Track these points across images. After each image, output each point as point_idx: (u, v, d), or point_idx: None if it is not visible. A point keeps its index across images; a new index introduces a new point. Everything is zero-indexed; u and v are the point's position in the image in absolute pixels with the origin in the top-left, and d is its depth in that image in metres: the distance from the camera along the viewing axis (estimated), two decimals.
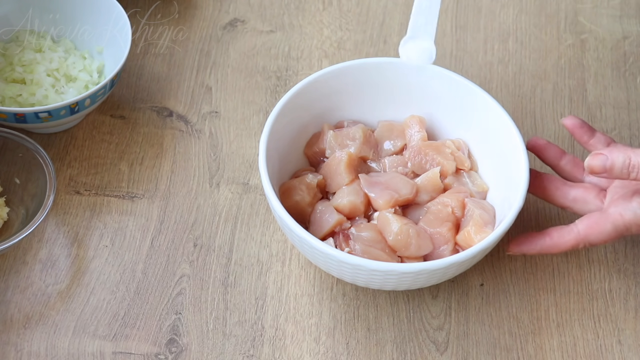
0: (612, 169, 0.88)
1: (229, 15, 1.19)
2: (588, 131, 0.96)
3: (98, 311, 0.94)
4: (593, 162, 0.89)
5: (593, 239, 0.90)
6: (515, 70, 1.15)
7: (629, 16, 1.20)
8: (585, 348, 0.94)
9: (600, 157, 0.89)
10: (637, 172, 0.88)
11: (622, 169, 0.88)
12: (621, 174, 0.88)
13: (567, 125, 0.97)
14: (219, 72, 1.13)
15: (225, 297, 0.95)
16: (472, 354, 0.93)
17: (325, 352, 0.92)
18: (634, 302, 0.97)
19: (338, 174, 0.96)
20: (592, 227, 0.90)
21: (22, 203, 0.98)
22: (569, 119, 0.97)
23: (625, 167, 0.88)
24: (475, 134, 1.00)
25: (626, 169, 0.88)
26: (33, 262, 0.97)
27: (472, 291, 0.97)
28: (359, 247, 0.90)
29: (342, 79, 1.00)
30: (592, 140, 0.96)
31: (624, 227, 0.89)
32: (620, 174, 0.88)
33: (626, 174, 0.88)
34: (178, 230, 1.00)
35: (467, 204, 0.94)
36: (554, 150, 0.96)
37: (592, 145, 0.96)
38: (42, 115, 0.99)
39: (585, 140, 0.96)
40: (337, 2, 1.21)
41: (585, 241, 0.90)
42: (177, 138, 1.07)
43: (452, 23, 1.19)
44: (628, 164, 0.88)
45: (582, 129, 0.96)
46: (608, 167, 0.88)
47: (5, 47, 1.08)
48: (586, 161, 0.90)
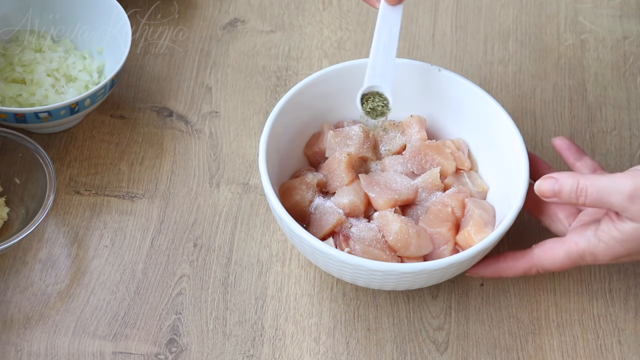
0: (561, 193, 0.86)
1: (229, 15, 1.19)
2: (576, 153, 0.95)
3: (98, 311, 0.94)
4: (542, 186, 0.87)
5: (546, 264, 0.89)
6: (515, 70, 1.15)
7: (629, 16, 1.21)
8: (585, 348, 0.94)
9: (549, 181, 0.87)
10: (585, 197, 0.85)
11: (570, 194, 0.86)
12: (570, 199, 0.86)
13: (555, 146, 0.96)
14: (219, 72, 1.13)
15: (225, 297, 0.95)
16: (472, 354, 0.93)
17: (325, 352, 0.93)
18: (634, 302, 0.97)
19: (338, 174, 0.96)
20: (547, 252, 0.89)
21: (22, 203, 0.98)
22: (558, 139, 0.96)
23: (574, 191, 0.85)
24: (475, 133, 1.00)
25: (574, 193, 0.85)
26: (33, 262, 0.97)
27: (472, 291, 0.97)
28: (359, 247, 0.90)
29: (342, 79, 1.00)
30: (578, 164, 0.95)
31: (578, 255, 0.88)
32: (569, 199, 0.86)
33: (574, 199, 0.86)
34: (178, 230, 1.00)
35: (467, 204, 0.94)
36: (575, 150, 0.96)
37: (578, 169, 0.95)
38: (42, 115, 0.99)
39: (571, 162, 0.95)
40: (337, 2, 1.21)
41: (538, 266, 0.89)
42: (177, 138, 1.07)
43: (452, 23, 1.19)
44: (576, 189, 0.85)
45: (570, 151, 0.95)
46: (557, 190, 0.86)
47: (5, 47, 1.08)
48: (536, 184, 0.88)
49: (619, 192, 0.83)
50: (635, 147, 1.09)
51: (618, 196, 0.83)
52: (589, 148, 1.08)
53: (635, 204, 0.83)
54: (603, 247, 0.86)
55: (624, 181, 0.84)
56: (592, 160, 0.95)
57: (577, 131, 1.10)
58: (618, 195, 0.83)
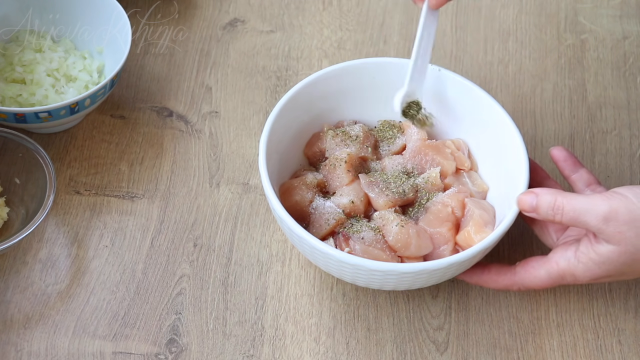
0: (539, 209, 0.87)
1: (229, 15, 1.19)
2: (572, 165, 0.95)
3: (98, 311, 0.94)
4: (522, 200, 0.88)
5: (528, 283, 0.89)
6: (515, 70, 1.15)
7: (629, 16, 1.21)
8: (585, 348, 0.94)
9: (529, 197, 0.87)
10: (561, 215, 0.85)
11: (547, 210, 0.86)
12: (547, 215, 0.86)
13: (553, 156, 0.96)
14: (219, 72, 1.13)
15: (225, 297, 0.95)
16: (472, 354, 0.93)
17: (325, 352, 0.93)
18: (634, 302, 0.97)
19: (338, 174, 0.96)
20: (529, 271, 0.89)
21: (22, 203, 0.98)
22: (556, 149, 0.96)
23: (550, 208, 0.86)
24: (475, 134, 1.00)
25: (551, 210, 0.86)
26: (33, 262, 0.97)
27: (472, 291, 0.97)
28: (359, 247, 0.90)
29: (342, 79, 1.00)
30: (574, 176, 0.94)
31: (558, 275, 0.88)
32: (546, 215, 0.86)
33: (551, 216, 0.86)
34: (178, 230, 1.00)
35: (467, 204, 0.94)
36: (571, 162, 0.95)
37: (573, 181, 0.94)
38: (42, 115, 0.99)
39: (567, 174, 0.95)
40: (337, 2, 1.21)
41: (520, 284, 0.90)
42: (177, 138, 1.07)
43: (452, 23, 1.19)
44: (553, 206, 0.86)
45: (566, 163, 0.95)
46: (534, 206, 0.87)
47: (5, 47, 1.08)
48: (517, 197, 0.89)
49: (594, 213, 0.84)
50: (635, 147, 1.09)
51: (593, 217, 0.84)
52: (589, 148, 1.08)
53: (610, 226, 0.83)
54: (582, 269, 0.87)
55: (599, 203, 0.84)
56: (588, 174, 0.94)
57: (577, 131, 1.10)
58: (593, 216, 0.84)
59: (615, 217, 0.83)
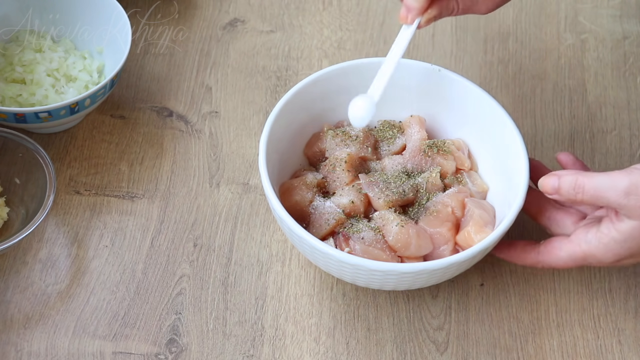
0: (560, 190, 0.87)
1: (229, 15, 1.19)
2: (581, 168, 0.95)
3: (98, 311, 0.94)
4: (544, 182, 0.89)
5: (551, 262, 0.90)
6: (515, 70, 1.15)
7: (629, 16, 1.20)
8: (585, 348, 0.94)
9: (551, 178, 0.88)
10: (582, 194, 0.86)
11: (569, 190, 0.87)
12: (568, 195, 0.87)
13: (560, 161, 0.96)
14: (219, 72, 1.13)
15: (225, 297, 0.95)
16: (472, 354, 0.93)
17: (325, 352, 0.93)
18: (634, 302, 0.97)
19: (338, 174, 0.96)
20: (551, 252, 0.89)
21: (22, 203, 0.98)
22: (563, 155, 0.96)
23: (572, 187, 0.86)
24: (475, 134, 1.00)
25: (572, 189, 0.86)
26: (33, 262, 0.97)
27: (472, 291, 0.97)
28: (359, 247, 0.90)
29: (342, 79, 1.00)
30: None
31: (580, 258, 0.88)
32: (568, 195, 0.87)
33: (573, 195, 0.86)
34: (178, 230, 1.00)
35: (467, 204, 0.94)
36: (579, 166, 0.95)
37: None
38: (42, 115, 0.99)
39: None
40: (337, 2, 1.21)
41: (544, 263, 0.90)
42: (177, 138, 1.07)
43: (452, 23, 1.19)
44: (574, 185, 0.86)
45: (575, 167, 0.95)
46: (557, 187, 0.87)
47: (5, 47, 1.08)
48: (539, 181, 0.89)
49: (614, 189, 0.84)
50: (635, 147, 1.09)
51: (613, 192, 0.84)
52: (589, 148, 1.08)
53: (631, 200, 0.83)
54: (603, 249, 0.87)
55: (620, 178, 0.84)
56: None
57: (577, 131, 1.10)
58: (613, 192, 0.84)
59: (635, 191, 0.83)
